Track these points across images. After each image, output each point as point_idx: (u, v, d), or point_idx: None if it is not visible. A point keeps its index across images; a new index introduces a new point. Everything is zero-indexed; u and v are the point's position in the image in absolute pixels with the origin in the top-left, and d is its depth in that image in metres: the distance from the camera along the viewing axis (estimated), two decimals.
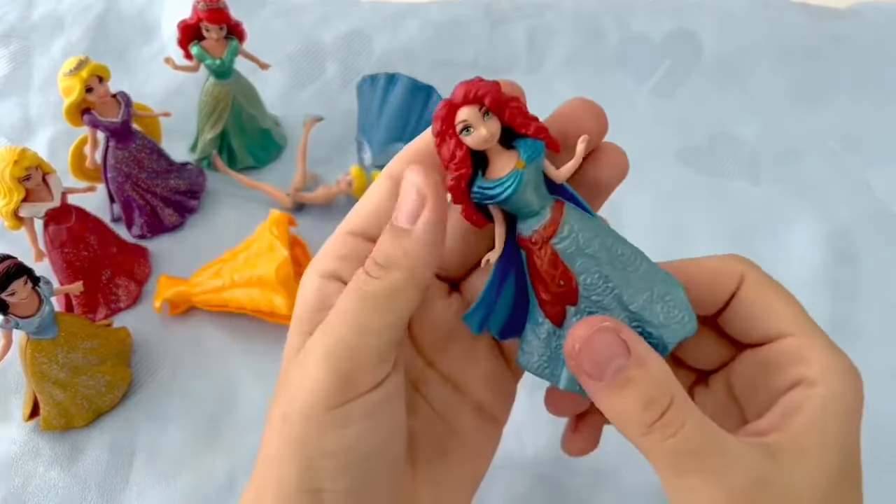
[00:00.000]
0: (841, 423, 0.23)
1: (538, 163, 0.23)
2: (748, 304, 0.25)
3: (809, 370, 0.23)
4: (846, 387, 0.23)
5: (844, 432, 0.23)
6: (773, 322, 0.24)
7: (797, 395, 0.23)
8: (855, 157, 0.54)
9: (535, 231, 0.24)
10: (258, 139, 0.54)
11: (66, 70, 0.45)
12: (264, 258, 0.43)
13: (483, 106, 0.23)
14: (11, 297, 0.36)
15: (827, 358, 0.23)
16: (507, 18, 0.64)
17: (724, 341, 0.26)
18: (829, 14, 0.63)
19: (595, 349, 0.21)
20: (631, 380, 0.21)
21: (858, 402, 0.23)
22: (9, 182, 0.41)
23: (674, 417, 0.21)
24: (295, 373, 0.23)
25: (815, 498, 0.22)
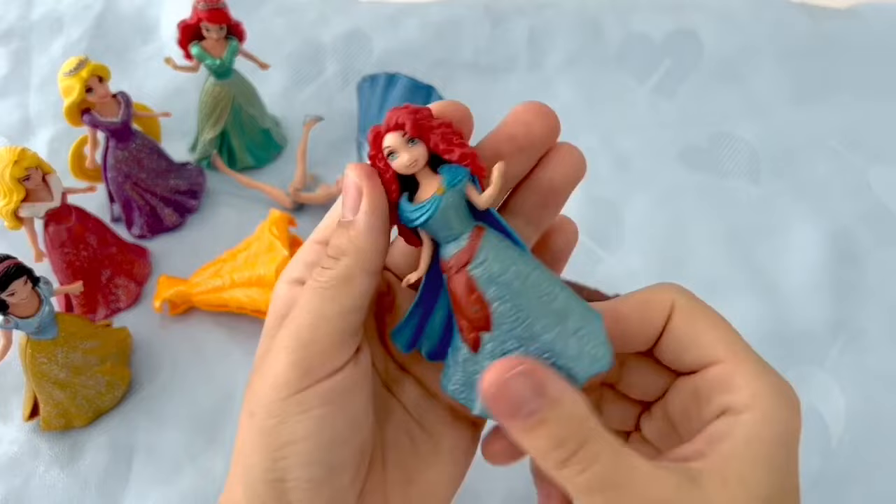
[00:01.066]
0: (770, 448, 0.22)
1: (459, 188, 0.24)
2: (678, 333, 0.25)
3: (736, 397, 0.23)
4: (776, 410, 0.23)
5: (774, 457, 0.23)
6: (702, 349, 0.24)
7: (723, 423, 0.23)
8: (855, 157, 0.54)
9: (452, 256, 0.24)
10: (258, 139, 0.54)
11: (66, 70, 0.45)
12: (264, 258, 0.43)
13: (405, 132, 0.24)
14: (11, 297, 0.36)
15: (755, 383, 0.23)
16: (507, 18, 0.64)
17: (662, 370, 0.27)
18: (829, 14, 0.63)
19: (509, 394, 0.22)
20: (544, 421, 0.21)
21: (793, 423, 0.23)
22: (9, 182, 0.41)
23: (586, 454, 0.22)
24: (261, 371, 0.24)
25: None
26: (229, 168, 0.53)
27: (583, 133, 0.55)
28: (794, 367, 0.43)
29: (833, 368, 0.43)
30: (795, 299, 0.46)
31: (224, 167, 0.53)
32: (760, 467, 0.22)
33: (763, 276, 0.47)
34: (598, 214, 0.51)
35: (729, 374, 0.24)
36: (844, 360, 0.43)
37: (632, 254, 0.49)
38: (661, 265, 0.48)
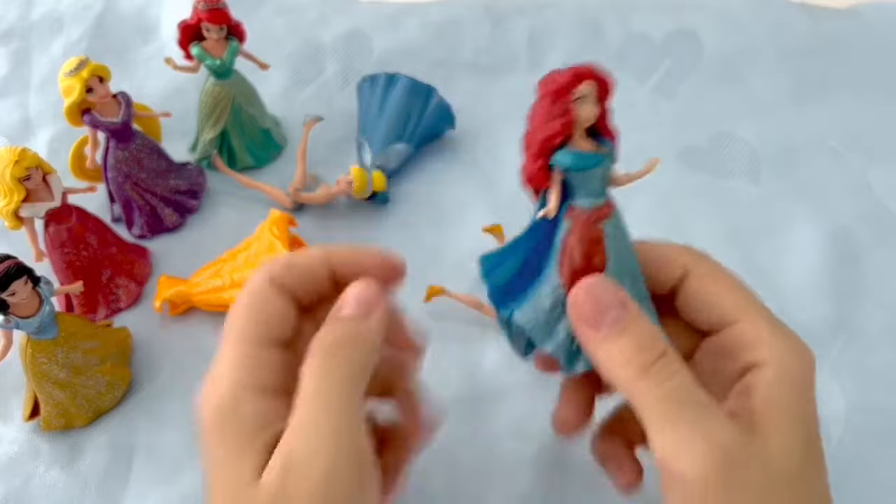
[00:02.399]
0: (794, 396, 0.24)
1: (614, 157, 0.27)
2: (694, 295, 0.27)
3: (758, 354, 0.25)
4: (795, 362, 0.25)
5: (799, 404, 0.24)
6: (720, 310, 0.26)
7: (750, 377, 0.25)
8: (855, 157, 0.54)
9: (594, 206, 0.26)
10: (258, 139, 0.54)
11: (67, 70, 0.45)
12: (264, 258, 0.43)
13: (600, 90, 0.27)
14: (12, 297, 0.36)
15: (773, 339, 0.25)
16: (507, 18, 0.64)
17: (689, 330, 0.28)
18: (830, 14, 0.63)
19: (596, 296, 0.24)
20: (627, 328, 0.24)
21: (809, 374, 0.25)
22: (9, 182, 0.41)
23: (666, 365, 0.23)
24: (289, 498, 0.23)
25: (791, 467, 0.23)
26: (229, 168, 0.53)
27: None
28: None
29: (833, 368, 0.43)
30: (795, 299, 0.46)
31: (224, 167, 0.53)
32: (792, 413, 0.24)
33: (763, 276, 0.47)
34: None
35: (748, 332, 0.25)
36: (844, 360, 0.43)
37: None
38: None
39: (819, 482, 0.25)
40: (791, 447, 0.24)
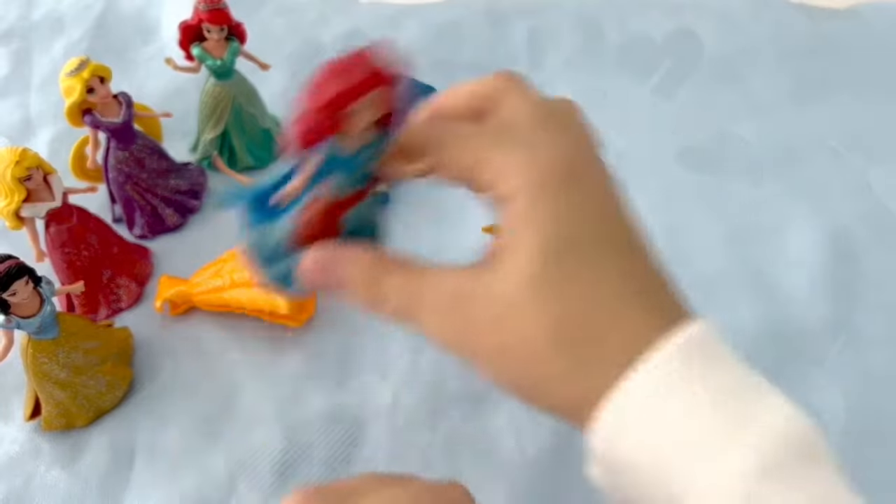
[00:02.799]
0: (545, 207, 0.24)
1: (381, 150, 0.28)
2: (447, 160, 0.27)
3: (504, 187, 0.25)
4: (545, 168, 0.24)
5: (551, 212, 0.24)
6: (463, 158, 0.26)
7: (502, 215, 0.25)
8: (855, 157, 0.54)
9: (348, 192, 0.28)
10: (259, 139, 0.54)
11: (68, 70, 0.45)
12: None
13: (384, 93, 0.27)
14: (13, 297, 0.36)
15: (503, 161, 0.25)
16: (507, 18, 0.64)
17: None
18: (829, 14, 0.63)
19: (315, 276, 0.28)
20: (344, 282, 0.27)
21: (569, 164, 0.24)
22: (10, 182, 0.41)
23: (379, 296, 0.26)
24: None
25: (521, 289, 0.23)
26: (230, 168, 0.54)
27: None
28: (792, 366, 0.43)
29: (832, 368, 0.43)
30: (795, 299, 0.46)
31: (224, 167, 0.53)
32: (533, 231, 0.24)
33: (762, 276, 0.47)
34: None
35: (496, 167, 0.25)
36: (844, 359, 0.43)
37: None
38: None
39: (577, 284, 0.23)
40: (522, 266, 0.23)
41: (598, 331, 0.23)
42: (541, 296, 0.23)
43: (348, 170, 0.27)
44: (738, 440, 0.21)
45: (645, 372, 0.22)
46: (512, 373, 0.24)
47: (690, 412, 0.21)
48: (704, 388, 0.22)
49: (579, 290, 0.23)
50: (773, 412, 0.23)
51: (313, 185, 0.28)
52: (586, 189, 0.25)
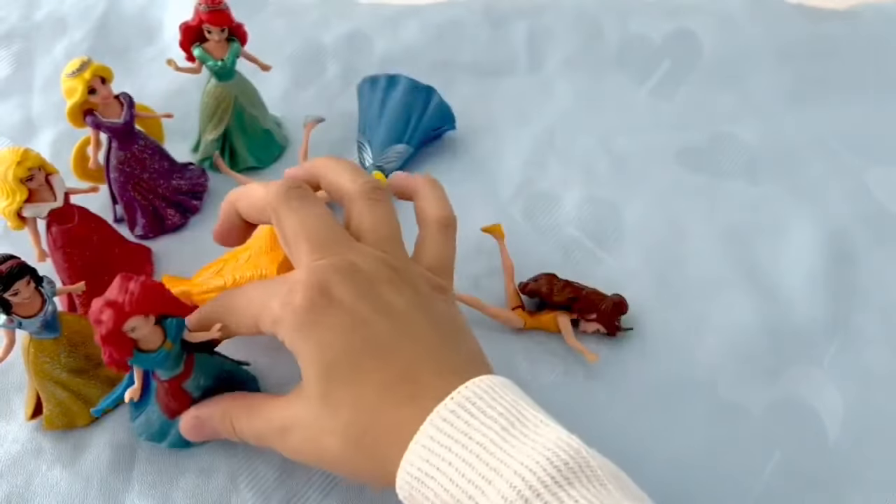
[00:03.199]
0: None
1: (177, 343, 0.36)
2: None
3: None
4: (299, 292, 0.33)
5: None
6: None
7: None
8: (854, 158, 0.54)
9: (172, 376, 0.37)
10: (260, 140, 0.54)
11: (69, 71, 0.45)
12: (266, 258, 0.44)
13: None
14: (14, 296, 0.36)
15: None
16: (507, 19, 0.64)
17: None
18: (828, 15, 0.64)
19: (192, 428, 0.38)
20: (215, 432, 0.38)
21: None
22: (11, 182, 0.41)
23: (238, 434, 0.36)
24: None
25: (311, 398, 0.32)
26: (231, 169, 0.54)
27: (582, 134, 0.55)
28: (791, 366, 0.43)
29: (831, 368, 0.43)
30: (793, 299, 0.46)
31: (225, 167, 0.53)
32: None
33: (761, 276, 0.47)
34: (597, 215, 0.51)
35: None
36: (842, 359, 0.43)
37: (631, 254, 0.49)
38: (660, 265, 0.48)
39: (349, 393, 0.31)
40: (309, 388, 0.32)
41: (375, 429, 0.30)
42: (326, 413, 0.31)
43: (159, 363, 0.36)
44: (503, 473, 0.26)
45: (415, 449, 0.28)
46: (338, 470, 0.34)
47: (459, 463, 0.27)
48: (464, 444, 0.28)
49: (350, 401, 0.30)
50: (540, 440, 0.27)
51: (149, 380, 0.38)
52: (333, 313, 0.32)
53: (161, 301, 0.35)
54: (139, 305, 0.33)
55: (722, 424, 0.41)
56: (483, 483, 0.26)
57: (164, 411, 0.39)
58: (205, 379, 0.39)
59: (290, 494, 0.39)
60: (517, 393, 0.30)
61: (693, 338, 0.44)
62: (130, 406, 0.41)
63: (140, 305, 0.33)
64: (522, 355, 0.44)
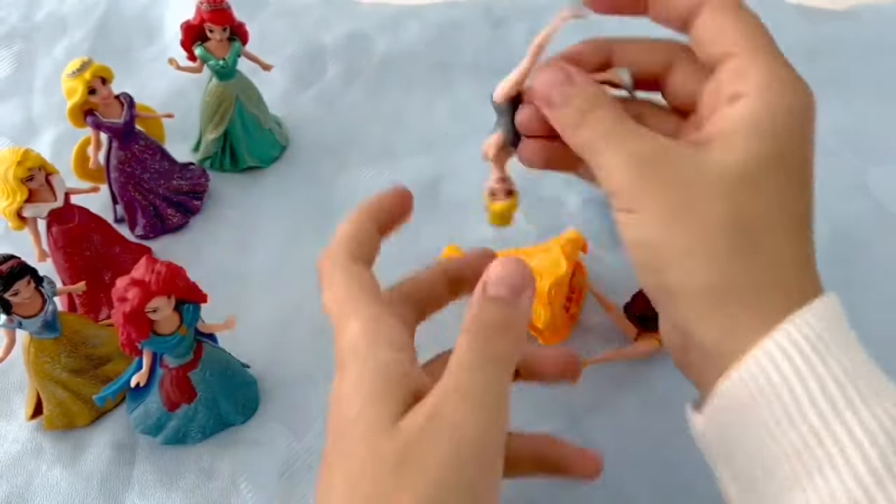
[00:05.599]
0: (772, 123, 0.24)
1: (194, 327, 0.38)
2: (702, 28, 0.26)
3: (744, 85, 0.24)
4: (782, 95, 0.24)
5: (775, 130, 0.24)
6: (723, 43, 0.25)
7: (730, 108, 0.25)
8: (853, 158, 0.54)
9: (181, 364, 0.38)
10: (260, 139, 0.54)
11: (70, 71, 0.45)
12: (545, 271, 0.42)
13: None
14: (15, 296, 0.36)
15: (766, 71, 0.24)
16: (508, 20, 0.64)
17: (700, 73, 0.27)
18: (828, 15, 0.64)
19: (545, 80, 0.28)
20: (570, 99, 0.27)
21: (799, 110, 0.24)
22: (12, 183, 0.41)
23: (596, 114, 0.26)
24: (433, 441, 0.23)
25: (726, 173, 0.23)
26: (232, 168, 0.54)
27: None
28: None
29: None
30: None
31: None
32: (762, 129, 0.24)
33: None
34: (597, 215, 0.51)
35: (743, 65, 0.25)
36: None
37: None
38: None
39: (772, 196, 0.24)
40: (736, 156, 0.23)
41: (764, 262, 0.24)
42: (741, 192, 0.23)
43: (171, 348, 0.37)
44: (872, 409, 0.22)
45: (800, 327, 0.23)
46: (674, 244, 0.24)
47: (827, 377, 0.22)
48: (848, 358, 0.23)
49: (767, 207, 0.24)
50: None
51: (156, 367, 0.38)
52: (802, 135, 0.25)
53: (184, 285, 0.36)
54: (165, 285, 0.34)
55: None
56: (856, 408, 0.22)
57: (164, 402, 0.39)
58: (210, 372, 0.39)
59: (290, 495, 0.39)
60: None
61: None
62: (129, 397, 0.41)
63: (166, 285, 0.34)
64: None
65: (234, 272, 0.49)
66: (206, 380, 0.39)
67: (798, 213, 0.25)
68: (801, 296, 0.24)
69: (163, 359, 0.38)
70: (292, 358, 0.44)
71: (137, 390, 0.39)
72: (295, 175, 0.55)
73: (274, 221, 0.52)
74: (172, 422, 0.40)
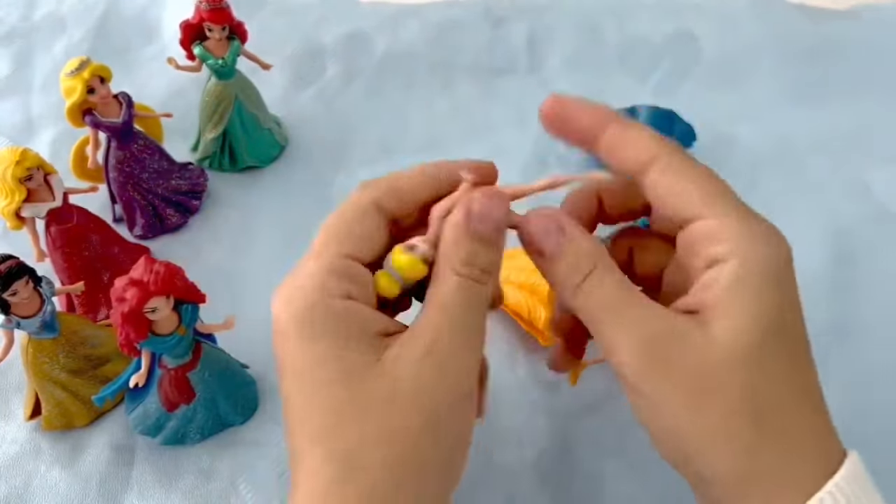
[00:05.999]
0: (761, 285, 0.24)
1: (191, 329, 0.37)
2: (657, 187, 0.26)
3: (722, 247, 0.24)
4: (761, 252, 0.24)
5: (767, 292, 0.24)
6: (680, 205, 0.25)
7: (712, 272, 0.24)
8: (855, 157, 0.54)
9: (179, 364, 0.38)
10: (260, 139, 0.54)
11: (68, 71, 0.45)
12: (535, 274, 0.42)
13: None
14: (13, 297, 0.36)
15: (738, 231, 0.24)
16: (507, 18, 0.64)
17: (664, 243, 0.28)
18: (829, 15, 0.64)
19: (540, 228, 0.26)
20: (564, 251, 0.25)
21: (780, 264, 0.24)
22: (10, 182, 0.41)
23: (596, 279, 0.25)
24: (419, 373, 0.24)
25: (735, 352, 0.23)
26: (231, 168, 0.54)
27: None
28: None
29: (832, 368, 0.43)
30: None
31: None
32: (752, 302, 0.23)
33: None
34: None
35: (711, 226, 0.25)
36: (843, 359, 0.43)
37: None
38: None
39: (770, 380, 0.23)
40: (740, 332, 0.23)
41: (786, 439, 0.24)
42: (753, 371, 0.23)
43: (170, 348, 0.37)
44: None
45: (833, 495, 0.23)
46: (693, 435, 0.24)
47: None
48: None
49: (779, 383, 0.24)
50: None
51: (155, 367, 0.38)
52: (790, 289, 0.25)
53: (183, 285, 0.35)
54: (164, 285, 0.34)
55: None
56: None
57: (163, 403, 0.39)
58: (209, 373, 0.39)
59: None
60: None
61: None
62: (127, 398, 0.41)
63: (165, 285, 0.34)
64: None
65: (233, 272, 0.49)
66: (205, 380, 0.39)
67: (808, 382, 0.25)
68: (828, 465, 0.24)
69: (161, 359, 0.38)
70: None
71: (136, 391, 0.39)
72: (294, 175, 0.54)
73: (273, 221, 0.52)
74: (171, 422, 0.39)
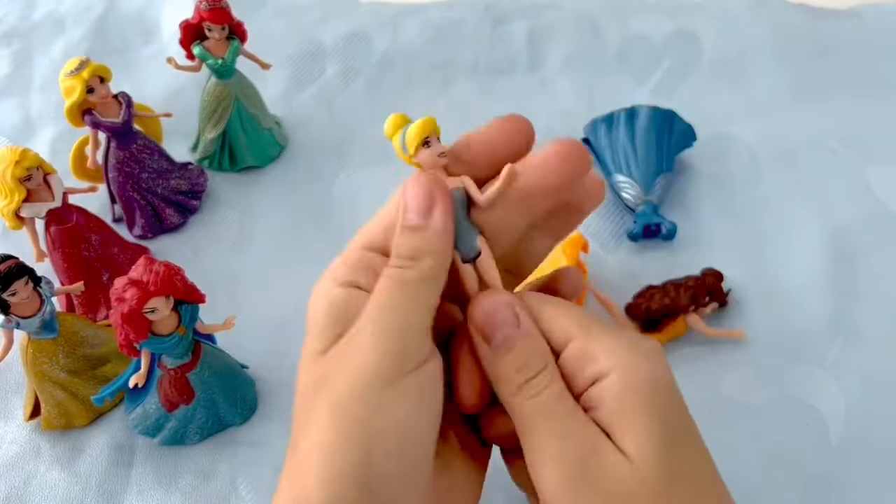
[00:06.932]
0: (645, 395, 0.24)
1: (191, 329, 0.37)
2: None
3: (600, 365, 0.24)
4: (640, 365, 0.24)
5: (652, 401, 0.24)
6: (554, 332, 0.25)
7: (595, 390, 0.24)
8: (855, 157, 0.54)
9: (178, 364, 0.38)
10: (259, 139, 0.54)
11: (68, 70, 0.45)
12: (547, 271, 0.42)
13: None
14: (13, 297, 0.36)
15: (614, 347, 0.24)
16: (507, 18, 0.64)
17: None
18: (829, 15, 0.63)
19: (496, 318, 0.25)
20: (514, 346, 0.25)
21: (661, 375, 0.25)
22: (10, 182, 0.41)
23: (538, 383, 0.24)
24: (339, 362, 0.24)
25: (646, 471, 0.23)
26: (231, 168, 0.54)
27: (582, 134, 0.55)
28: (793, 366, 0.43)
29: (832, 367, 0.43)
30: (795, 299, 0.46)
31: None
32: (640, 416, 0.24)
33: (762, 277, 0.47)
34: (598, 215, 0.51)
35: (586, 347, 0.25)
36: (844, 359, 0.43)
37: (632, 255, 0.49)
38: None
39: (684, 482, 0.24)
40: (644, 451, 0.23)
41: None
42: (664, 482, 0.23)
43: (170, 349, 0.36)
44: None
45: None
46: None
47: None
48: None
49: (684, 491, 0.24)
50: None
51: (154, 368, 0.38)
52: (675, 399, 0.25)
53: (182, 285, 0.35)
54: (164, 286, 0.34)
55: (723, 423, 0.41)
56: None
57: (163, 403, 0.39)
58: (209, 373, 0.39)
59: None
60: None
61: None
62: (127, 398, 0.41)
63: (164, 286, 0.34)
64: None
65: (232, 272, 0.49)
66: (204, 380, 0.39)
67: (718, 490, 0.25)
68: None
69: (161, 359, 0.38)
70: (291, 358, 0.44)
71: (136, 391, 0.39)
72: (294, 175, 0.54)
73: (273, 221, 0.52)
74: (171, 422, 0.39)
